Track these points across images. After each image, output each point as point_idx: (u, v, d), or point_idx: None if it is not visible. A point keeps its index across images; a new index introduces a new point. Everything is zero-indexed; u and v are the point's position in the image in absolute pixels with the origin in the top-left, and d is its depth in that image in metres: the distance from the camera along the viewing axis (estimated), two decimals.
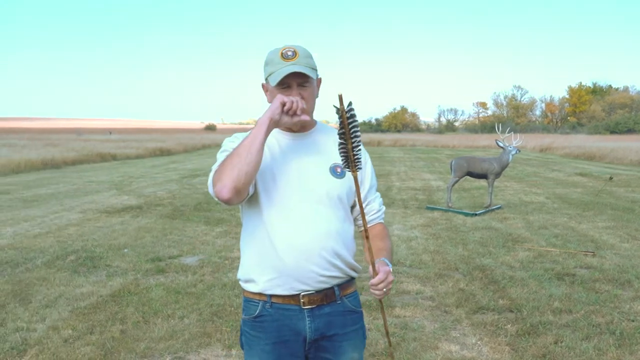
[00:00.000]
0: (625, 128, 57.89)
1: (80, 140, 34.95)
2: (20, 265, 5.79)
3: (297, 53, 1.74)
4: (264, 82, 1.85)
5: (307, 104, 1.75)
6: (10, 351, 3.66)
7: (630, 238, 7.33)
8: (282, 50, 1.74)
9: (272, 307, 1.79)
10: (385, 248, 1.84)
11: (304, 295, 1.77)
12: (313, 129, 1.87)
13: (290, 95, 1.74)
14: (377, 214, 1.93)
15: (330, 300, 1.81)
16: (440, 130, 75.62)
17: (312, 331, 1.80)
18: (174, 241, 7.00)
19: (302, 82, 1.75)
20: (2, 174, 16.05)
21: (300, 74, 1.72)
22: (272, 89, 1.78)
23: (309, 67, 1.74)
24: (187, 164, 21.60)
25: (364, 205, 1.87)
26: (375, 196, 1.93)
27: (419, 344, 3.82)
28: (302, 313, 1.79)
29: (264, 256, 1.76)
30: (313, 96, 1.81)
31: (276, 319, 1.79)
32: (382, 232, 1.91)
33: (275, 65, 1.74)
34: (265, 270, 1.76)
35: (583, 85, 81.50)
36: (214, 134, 59.50)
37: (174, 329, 4.05)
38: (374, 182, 1.94)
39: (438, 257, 6.21)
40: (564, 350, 3.72)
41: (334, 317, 1.83)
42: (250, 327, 1.83)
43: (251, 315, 1.82)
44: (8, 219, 8.50)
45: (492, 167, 9.92)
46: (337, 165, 1.81)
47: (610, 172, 16.76)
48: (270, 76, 1.75)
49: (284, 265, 1.74)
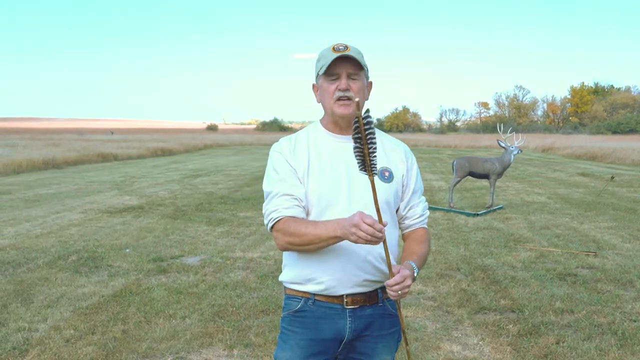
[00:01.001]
0: (627, 128, 57.77)
1: (82, 140, 34.97)
2: (22, 265, 5.79)
3: (348, 47, 1.75)
4: (314, 82, 1.85)
5: (356, 96, 1.74)
6: (12, 351, 3.67)
7: (632, 238, 7.32)
8: (334, 45, 1.76)
9: (315, 304, 1.80)
10: (417, 252, 1.83)
11: (348, 295, 1.78)
12: None
13: (339, 85, 1.74)
14: (420, 218, 1.92)
15: (373, 302, 1.82)
16: (442, 130, 75.51)
17: (351, 331, 1.80)
18: (176, 241, 7.00)
19: (352, 74, 1.75)
20: (4, 174, 16.07)
21: (351, 63, 1.73)
22: (321, 82, 1.78)
23: (357, 56, 1.74)
24: (188, 164, 21.60)
25: (406, 209, 1.90)
26: (420, 200, 1.93)
27: (421, 344, 3.82)
28: (344, 312, 1.79)
29: (312, 261, 1.77)
30: (363, 91, 1.80)
31: (317, 316, 1.80)
32: (422, 237, 1.90)
33: (326, 57, 1.74)
34: (312, 274, 1.78)
35: (585, 85, 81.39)
36: (216, 134, 59.52)
37: (175, 329, 4.05)
38: (419, 186, 1.94)
39: (440, 257, 6.21)
40: (566, 351, 3.71)
41: (375, 319, 1.83)
42: (289, 322, 1.84)
43: (291, 310, 1.83)
44: (10, 219, 8.51)
45: (494, 167, 9.91)
46: (384, 169, 1.82)
47: (612, 172, 16.74)
48: (322, 69, 1.75)
49: (331, 270, 1.75)
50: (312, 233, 1.66)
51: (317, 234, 1.65)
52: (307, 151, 1.80)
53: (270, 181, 1.80)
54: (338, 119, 1.79)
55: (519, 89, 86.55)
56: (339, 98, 1.75)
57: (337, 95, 1.75)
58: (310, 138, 1.84)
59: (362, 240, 1.54)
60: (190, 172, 17.81)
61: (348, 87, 1.74)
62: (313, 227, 1.67)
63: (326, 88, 1.77)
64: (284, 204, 1.74)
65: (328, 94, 1.77)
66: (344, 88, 1.74)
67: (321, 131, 1.85)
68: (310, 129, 1.88)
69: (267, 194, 1.81)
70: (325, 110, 1.84)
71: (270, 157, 1.85)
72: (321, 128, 1.86)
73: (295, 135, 1.89)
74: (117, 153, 24.96)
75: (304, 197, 1.76)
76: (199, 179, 15.15)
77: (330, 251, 1.73)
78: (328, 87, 1.77)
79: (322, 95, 1.81)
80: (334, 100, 1.76)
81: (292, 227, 1.70)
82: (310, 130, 1.87)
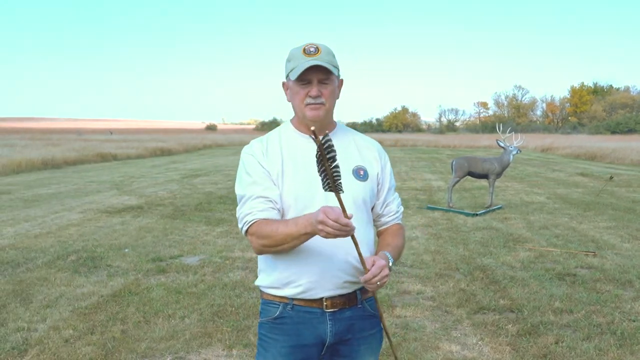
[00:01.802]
0: (626, 128, 57.82)
1: (81, 140, 34.98)
2: (21, 265, 5.79)
3: (319, 49, 1.73)
4: (284, 80, 1.84)
5: (327, 103, 1.76)
6: (11, 351, 3.67)
7: (631, 238, 7.33)
8: (305, 47, 1.74)
9: (294, 310, 1.78)
10: (392, 244, 1.84)
11: (327, 298, 1.76)
12: (334, 131, 1.86)
13: (310, 91, 1.74)
14: (396, 215, 1.93)
15: (352, 304, 1.81)
16: (441, 130, 75.55)
17: (332, 335, 1.79)
18: (175, 241, 7.00)
19: (323, 79, 1.74)
20: (3, 174, 16.06)
21: (322, 70, 1.72)
22: (292, 85, 1.77)
23: (331, 64, 1.73)
24: (188, 164, 21.60)
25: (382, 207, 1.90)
26: (394, 197, 1.94)
27: (420, 344, 3.82)
28: (324, 316, 1.78)
29: (282, 265, 1.76)
30: (334, 95, 1.80)
31: (297, 322, 1.78)
32: (397, 230, 1.92)
33: (297, 60, 1.73)
34: (291, 277, 1.76)
35: (584, 85, 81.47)
36: (215, 134, 59.53)
37: (174, 329, 4.05)
38: (393, 183, 1.95)
39: (439, 257, 6.21)
40: (565, 351, 3.71)
41: (355, 321, 1.82)
42: (268, 329, 1.81)
43: (270, 317, 1.81)
44: (9, 219, 8.50)
45: (493, 167, 9.92)
46: (359, 168, 1.81)
47: (611, 172, 16.75)
48: (292, 72, 1.74)
49: (306, 274, 1.74)
50: (283, 232, 1.64)
51: (287, 232, 1.63)
52: (280, 152, 1.78)
53: (243, 184, 1.77)
54: (309, 122, 1.78)
55: (518, 88, 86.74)
56: (309, 103, 1.75)
57: (307, 101, 1.75)
58: (282, 139, 1.82)
59: (332, 235, 1.52)
60: (190, 172, 17.81)
61: (319, 94, 1.74)
62: (284, 226, 1.65)
63: (297, 92, 1.76)
64: (258, 207, 1.71)
65: (299, 98, 1.76)
66: (315, 95, 1.74)
67: (292, 131, 1.84)
68: (282, 129, 1.87)
69: (240, 198, 1.78)
70: (295, 111, 1.82)
71: (241, 160, 1.82)
72: (292, 128, 1.85)
73: (266, 136, 1.86)
74: (116, 153, 24.96)
75: (279, 199, 1.74)
76: (198, 179, 15.15)
77: (309, 253, 1.71)
78: (299, 91, 1.76)
79: (292, 98, 1.80)
80: (305, 104, 1.76)
81: (265, 229, 1.67)
82: (282, 131, 1.85)
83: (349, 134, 1.90)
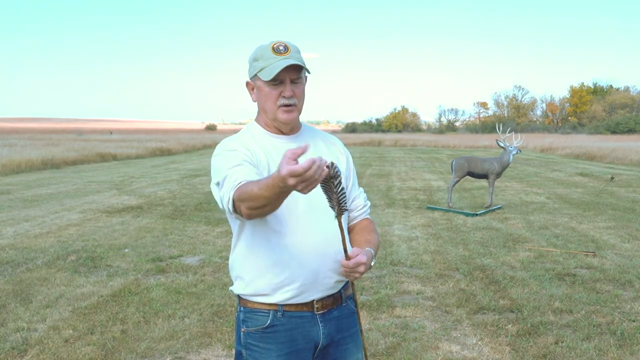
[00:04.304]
0: (626, 128, 57.76)
1: (81, 140, 34.96)
2: (20, 265, 5.79)
3: (288, 48, 1.70)
4: (248, 80, 1.79)
5: (299, 102, 1.73)
6: (11, 351, 3.67)
7: (631, 238, 7.33)
8: (273, 45, 1.69)
9: (284, 316, 1.74)
10: (372, 241, 1.83)
11: (317, 300, 1.75)
12: (301, 130, 1.84)
13: (284, 91, 1.69)
14: (364, 209, 1.92)
15: (338, 303, 1.81)
16: (441, 130, 75.54)
17: (324, 336, 1.78)
18: (175, 241, 7.00)
19: (295, 78, 1.71)
20: (3, 174, 16.06)
21: (294, 69, 1.69)
22: (262, 86, 1.72)
23: (302, 62, 1.70)
24: (187, 164, 21.60)
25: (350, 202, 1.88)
26: (359, 192, 1.93)
27: (420, 344, 3.82)
28: (315, 319, 1.76)
29: (276, 268, 1.71)
30: (304, 94, 1.76)
31: (289, 328, 1.74)
32: (370, 226, 1.90)
33: (267, 59, 1.68)
34: (284, 281, 1.71)
35: (584, 85, 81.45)
36: (215, 134, 59.47)
37: (174, 329, 4.05)
38: (356, 179, 1.94)
39: (439, 257, 6.21)
40: (565, 351, 3.71)
41: (342, 320, 1.82)
42: (259, 339, 1.75)
43: (260, 327, 1.75)
44: (8, 219, 8.50)
45: (493, 167, 9.91)
46: None
47: (611, 172, 16.75)
48: (262, 71, 1.68)
49: (301, 275, 1.71)
50: (262, 195, 1.41)
51: (265, 195, 1.40)
52: (262, 150, 1.73)
53: (222, 171, 1.61)
54: (281, 124, 1.75)
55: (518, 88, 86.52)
56: (283, 104, 1.71)
57: (281, 102, 1.71)
58: (255, 139, 1.76)
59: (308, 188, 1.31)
60: (189, 172, 17.81)
61: (292, 94, 1.70)
62: (257, 187, 1.42)
63: (268, 92, 1.71)
64: (240, 173, 1.56)
65: (270, 99, 1.71)
66: (289, 95, 1.70)
67: (263, 132, 1.78)
68: (251, 130, 1.80)
69: (220, 182, 1.61)
70: (265, 112, 1.76)
71: (214, 157, 1.70)
72: (262, 129, 1.79)
73: (237, 136, 1.78)
74: (115, 153, 24.95)
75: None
76: (197, 179, 15.14)
77: (301, 255, 1.68)
78: (270, 92, 1.71)
79: (262, 98, 1.74)
80: (278, 106, 1.71)
81: (246, 188, 1.48)
82: (252, 131, 1.79)
83: (316, 133, 1.89)
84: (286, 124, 1.74)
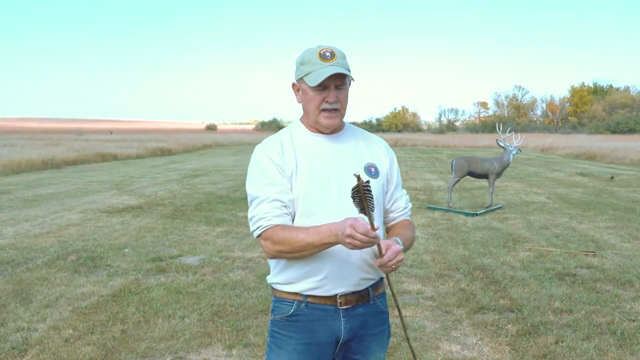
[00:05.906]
0: (626, 128, 57.80)
1: (81, 140, 34.95)
2: (21, 265, 5.79)
3: (335, 54, 1.74)
4: (294, 81, 1.84)
5: (342, 109, 1.78)
6: (11, 351, 3.67)
7: (631, 238, 7.33)
8: (320, 51, 1.74)
9: (308, 307, 1.79)
10: (402, 234, 1.86)
11: (341, 295, 1.78)
12: (343, 130, 1.88)
13: (327, 97, 1.74)
14: (404, 211, 1.97)
15: (365, 300, 1.84)
16: (441, 130, 75.54)
17: (346, 331, 1.81)
18: (175, 241, 7.00)
19: (339, 85, 1.75)
20: (3, 174, 16.06)
21: (339, 76, 1.73)
22: (306, 89, 1.77)
23: (347, 69, 1.75)
24: (187, 164, 21.59)
25: (390, 203, 1.93)
26: (402, 193, 1.97)
27: (420, 344, 3.82)
28: (338, 313, 1.80)
29: (309, 259, 1.75)
30: (347, 98, 1.82)
31: (311, 319, 1.79)
32: (406, 225, 1.95)
33: (314, 65, 1.73)
34: (310, 272, 1.76)
35: (584, 85, 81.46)
36: (215, 134, 59.50)
37: (174, 329, 4.05)
38: (400, 180, 1.98)
39: (439, 257, 6.21)
40: (565, 351, 3.72)
41: (367, 318, 1.85)
42: (282, 326, 1.82)
43: (284, 314, 1.81)
44: (9, 219, 8.50)
45: (493, 167, 9.92)
46: (371, 165, 1.84)
47: (611, 172, 16.76)
48: (308, 76, 1.74)
49: (328, 269, 1.75)
50: (304, 240, 1.64)
51: (308, 241, 1.64)
52: (293, 151, 1.79)
53: (257, 185, 1.76)
54: (322, 128, 1.81)
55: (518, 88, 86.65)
56: (325, 109, 1.76)
57: (324, 106, 1.76)
58: (294, 138, 1.82)
59: (359, 247, 1.56)
60: (190, 172, 17.80)
61: (336, 100, 1.75)
62: (304, 234, 1.65)
63: (312, 97, 1.76)
64: (273, 212, 1.71)
65: (314, 103, 1.76)
66: (332, 101, 1.75)
67: (304, 131, 1.84)
68: (292, 129, 1.86)
69: (253, 198, 1.77)
70: (308, 115, 1.82)
71: (254, 159, 1.81)
72: (304, 128, 1.85)
73: (278, 135, 1.86)
74: (116, 153, 24.95)
75: (292, 204, 1.75)
76: (198, 179, 15.15)
77: (328, 250, 1.72)
78: (314, 97, 1.76)
79: (306, 101, 1.79)
80: (320, 110, 1.76)
81: (281, 235, 1.67)
82: (293, 130, 1.86)
83: (358, 133, 1.93)
84: (327, 128, 1.80)
